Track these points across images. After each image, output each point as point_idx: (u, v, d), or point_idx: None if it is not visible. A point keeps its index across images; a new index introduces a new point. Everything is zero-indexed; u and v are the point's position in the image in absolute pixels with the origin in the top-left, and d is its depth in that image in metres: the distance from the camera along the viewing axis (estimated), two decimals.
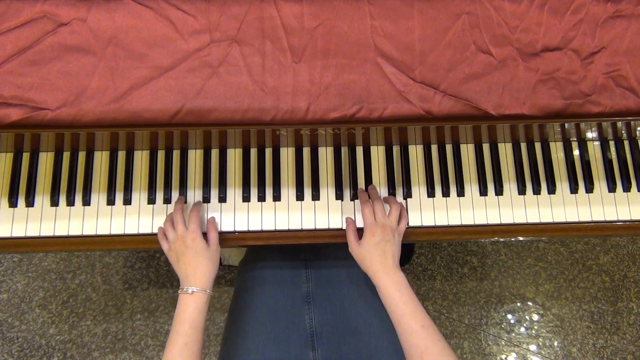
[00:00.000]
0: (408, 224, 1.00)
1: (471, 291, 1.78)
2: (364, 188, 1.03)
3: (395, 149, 1.05)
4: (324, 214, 1.01)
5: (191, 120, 0.85)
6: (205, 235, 0.95)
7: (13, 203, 0.99)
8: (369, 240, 0.91)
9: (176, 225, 0.93)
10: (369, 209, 0.94)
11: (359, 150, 1.05)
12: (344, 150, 1.04)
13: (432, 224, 1.02)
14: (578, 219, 1.03)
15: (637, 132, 1.04)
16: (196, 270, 0.89)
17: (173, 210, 0.97)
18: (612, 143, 1.07)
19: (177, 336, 0.84)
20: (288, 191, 1.02)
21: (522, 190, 1.04)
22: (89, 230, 0.99)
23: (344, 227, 1.00)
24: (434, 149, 1.05)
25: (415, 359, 0.82)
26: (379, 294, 0.89)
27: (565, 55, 0.88)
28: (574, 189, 1.04)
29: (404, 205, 1.02)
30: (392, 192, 1.03)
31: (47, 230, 0.98)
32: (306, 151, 1.04)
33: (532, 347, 1.72)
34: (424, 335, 0.82)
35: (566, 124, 0.99)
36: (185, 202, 1.00)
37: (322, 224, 1.01)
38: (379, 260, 0.90)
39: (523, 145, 1.06)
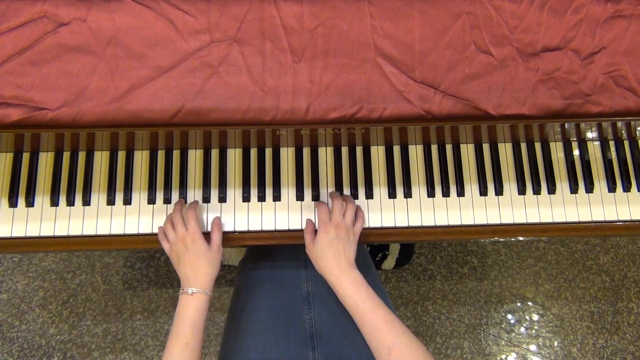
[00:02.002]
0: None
1: (471, 291, 1.78)
2: (364, 189, 1.03)
3: (395, 149, 1.05)
4: None
5: (191, 120, 0.85)
6: (208, 235, 0.95)
7: (13, 203, 0.99)
8: (322, 238, 0.91)
9: (176, 227, 0.93)
10: (324, 207, 0.94)
11: (359, 150, 1.05)
12: (344, 150, 1.04)
13: (432, 224, 1.02)
14: (578, 219, 1.03)
15: (637, 132, 1.04)
16: (196, 272, 0.89)
17: (173, 211, 0.97)
18: (612, 143, 1.07)
19: (177, 337, 0.84)
20: (288, 191, 1.02)
21: (522, 190, 1.04)
22: (89, 230, 0.99)
23: None
24: (434, 149, 1.05)
25: (383, 356, 0.80)
26: (338, 296, 0.88)
27: (565, 55, 0.88)
28: (574, 189, 1.04)
29: (405, 206, 1.02)
30: (392, 192, 1.03)
31: (47, 230, 0.98)
32: (306, 151, 1.04)
33: (532, 347, 1.72)
34: (389, 331, 0.81)
35: (566, 124, 0.99)
36: (185, 202, 1.00)
37: None
38: (333, 259, 0.89)
39: (523, 145, 1.06)
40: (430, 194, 1.03)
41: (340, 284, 0.87)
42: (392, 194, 1.03)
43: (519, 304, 1.77)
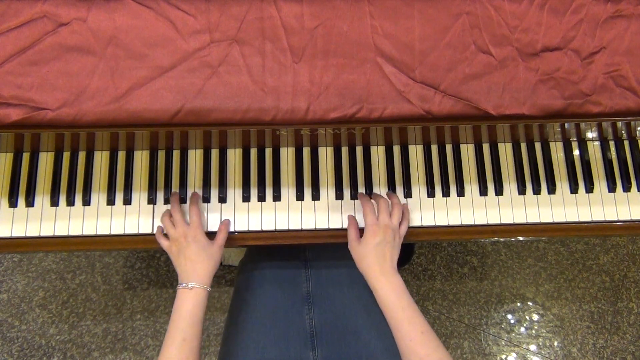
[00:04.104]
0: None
1: (471, 291, 1.78)
2: (364, 189, 1.02)
3: (395, 149, 1.05)
4: (324, 214, 1.01)
5: (191, 120, 0.85)
6: (208, 235, 0.95)
7: (13, 203, 0.99)
8: (369, 240, 0.91)
9: (176, 223, 0.93)
10: (371, 207, 0.93)
11: (359, 150, 1.05)
12: (344, 150, 1.04)
13: (432, 224, 1.02)
14: (578, 219, 1.03)
15: (637, 132, 1.04)
16: (196, 266, 0.89)
17: (170, 207, 0.97)
18: (612, 143, 1.07)
19: (176, 332, 0.84)
20: (288, 191, 1.02)
21: (522, 190, 1.04)
22: (89, 230, 0.99)
23: (345, 227, 0.99)
24: (434, 149, 1.05)
25: None
26: (376, 297, 0.88)
27: (565, 55, 0.88)
28: (574, 189, 1.04)
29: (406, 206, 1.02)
30: (392, 192, 1.02)
31: (47, 230, 0.98)
32: (306, 151, 1.04)
33: (532, 347, 1.72)
34: (424, 343, 0.82)
35: (566, 124, 0.99)
36: (184, 201, 1.00)
37: (322, 224, 1.01)
38: (377, 262, 0.89)
39: (523, 145, 1.06)
40: (430, 194, 1.03)
41: (381, 286, 0.87)
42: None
43: (519, 304, 1.77)
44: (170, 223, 0.94)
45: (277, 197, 1.01)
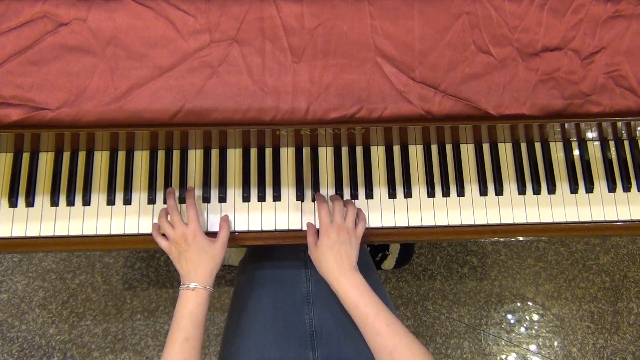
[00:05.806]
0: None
1: (471, 291, 1.78)
2: (364, 189, 1.03)
3: (395, 149, 1.05)
4: None
5: (191, 120, 0.86)
6: (208, 234, 0.95)
7: (13, 203, 0.99)
8: (324, 241, 0.91)
9: (174, 224, 0.92)
10: (326, 210, 0.94)
11: (359, 150, 1.05)
12: (344, 150, 1.04)
13: (432, 224, 1.02)
14: (578, 219, 1.03)
15: (637, 132, 1.04)
16: (197, 267, 0.89)
17: (167, 206, 0.96)
18: (612, 143, 1.07)
19: (178, 331, 0.85)
20: (288, 191, 1.02)
21: (522, 190, 1.04)
22: (89, 230, 0.99)
23: None
24: (434, 149, 1.05)
25: (385, 359, 0.81)
26: (339, 298, 0.88)
27: (565, 55, 0.88)
28: (574, 189, 1.04)
29: (405, 206, 1.02)
30: (392, 192, 1.03)
31: (47, 230, 0.98)
32: (306, 151, 1.04)
33: (532, 347, 1.72)
34: (391, 334, 0.82)
35: (566, 124, 0.99)
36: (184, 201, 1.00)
37: None
38: (334, 262, 0.89)
39: (523, 145, 1.06)
40: (430, 194, 1.03)
41: (342, 287, 0.87)
42: (392, 194, 1.03)
43: (519, 304, 1.77)
44: (168, 223, 0.93)
45: (277, 197, 1.01)
